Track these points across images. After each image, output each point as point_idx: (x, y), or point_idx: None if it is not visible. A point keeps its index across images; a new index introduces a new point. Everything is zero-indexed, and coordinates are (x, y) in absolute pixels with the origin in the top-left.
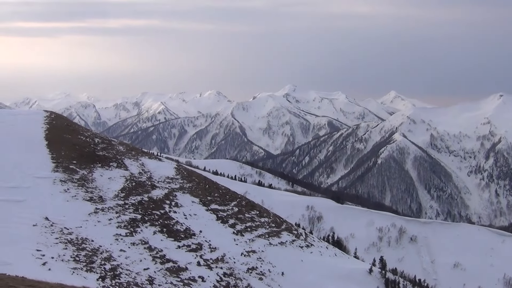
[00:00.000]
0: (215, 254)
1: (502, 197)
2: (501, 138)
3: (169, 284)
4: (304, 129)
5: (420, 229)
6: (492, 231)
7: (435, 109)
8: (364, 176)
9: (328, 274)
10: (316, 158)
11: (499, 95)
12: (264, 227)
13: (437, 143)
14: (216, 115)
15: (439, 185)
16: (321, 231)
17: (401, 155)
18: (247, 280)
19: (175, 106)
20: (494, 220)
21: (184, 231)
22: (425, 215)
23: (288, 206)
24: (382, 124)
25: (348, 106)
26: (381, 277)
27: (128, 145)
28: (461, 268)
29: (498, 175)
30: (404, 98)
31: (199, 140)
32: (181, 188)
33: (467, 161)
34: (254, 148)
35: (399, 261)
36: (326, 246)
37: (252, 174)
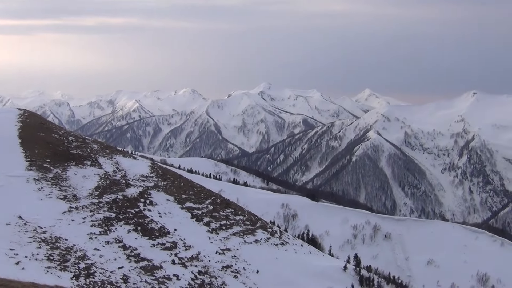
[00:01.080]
0: (190, 252)
1: (476, 194)
2: (475, 136)
3: (143, 283)
4: (279, 127)
5: (394, 226)
6: (465, 228)
7: (410, 107)
8: (338, 174)
9: (302, 272)
10: (291, 156)
11: (473, 93)
12: (239, 225)
13: (411, 140)
14: (191, 113)
15: (413, 182)
16: (296, 229)
17: (375, 153)
18: (222, 278)
19: (150, 104)
20: (468, 217)
21: (158, 230)
22: (400, 213)
23: (263, 204)
24: (357, 122)
25: (323, 104)
26: (356, 274)
27: (102, 144)
28: (435, 265)
29: (471, 173)
30: (379, 96)
31: (174, 138)
32: (156, 186)
33: (441, 159)
34: (229, 146)
35: (374, 258)
36: (301, 243)
37: (227, 172)
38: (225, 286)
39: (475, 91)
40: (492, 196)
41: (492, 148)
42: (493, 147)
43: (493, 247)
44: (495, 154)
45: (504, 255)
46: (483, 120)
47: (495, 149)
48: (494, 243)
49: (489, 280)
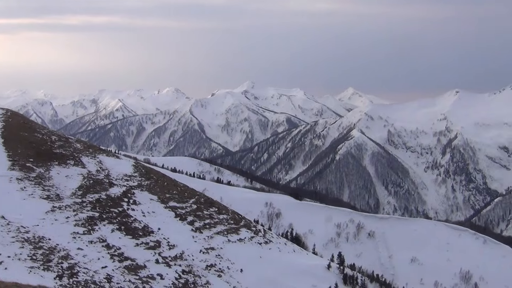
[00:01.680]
0: (174, 251)
1: (459, 193)
2: (457, 134)
3: (127, 282)
4: (262, 125)
5: (377, 225)
6: (448, 226)
7: (393, 106)
8: (322, 173)
9: (286, 270)
10: (275, 154)
11: (456, 91)
12: (222, 224)
13: (394, 139)
14: (175, 112)
15: (396, 181)
16: (279, 228)
17: (359, 152)
18: (206, 277)
19: (133, 104)
20: (451, 215)
21: (142, 229)
22: (383, 211)
23: (247, 203)
24: (340, 120)
25: (307, 102)
26: (340, 273)
27: (86, 143)
28: (418, 263)
29: (454, 171)
30: (362, 95)
31: (157, 137)
32: (139, 185)
33: (424, 157)
34: (213, 145)
35: (357, 256)
36: (285, 242)
37: (211, 171)
38: (209, 285)
39: (458, 89)
40: (474, 194)
41: (474, 146)
42: (475, 145)
43: (476, 245)
44: (477, 153)
45: (487, 252)
46: (466, 118)
47: (478, 147)
48: (477, 241)
49: (472, 277)
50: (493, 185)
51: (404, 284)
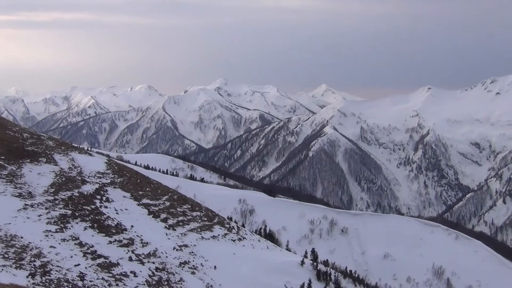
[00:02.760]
0: (147, 249)
1: (431, 188)
2: (429, 131)
3: (100, 280)
4: (236, 122)
5: (351, 221)
6: (421, 222)
7: (365, 102)
8: (295, 169)
9: (260, 267)
10: (248, 151)
11: (427, 88)
12: (196, 221)
13: (367, 135)
14: (147, 109)
15: (369, 177)
16: (253, 224)
17: (332, 148)
18: (179, 274)
19: (106, 101)
20: (423, 211)
21: (115, 226)
22: (356, 207)
23: (220, 200)
24: (313, 117)
25: (280, 99)
26: (313, 269)
27: (58, 140)
28: (391, 258)
29: (426, 167)
30: (335, 91)
31: (130, 134)
32: (112, 183)
33: (396, 153)
34: (186, 142)
35: (331, 252)
36: (258, 239)
37: (184, 168)
38: (183, 282)
39: (430, 86)
40: (446, 190)
41: (446, 142)
42: (447, 141)
43: (448, 241)
44: (449, 149)
45: (459, 248)
46: (438, 115)
47: (450, 143)
48: (449, 236)
49: (444, 273)
50: (465, 181)
51: (377, 280)
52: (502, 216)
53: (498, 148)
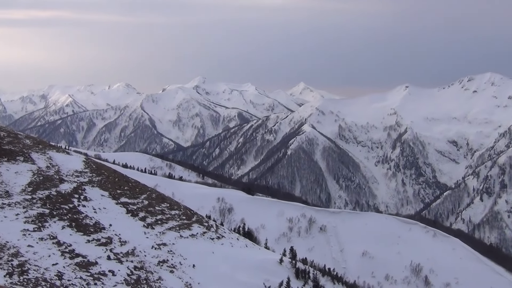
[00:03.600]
0: (125, 247)
1: (408, 186)
2: (407, 129)
3: (78, 279)
4: (214, 121)
5: (329, 219)
6: (399, 220)
7: (344, 100)
8: (274, 167)
9: (239, 265)
10: (227, 150)
11: (405, 86)
12: (174, 219)
13: (345, 134)
14: (125, 108)
15: (347, 175)
16: (232, 223)
17: (310, 146)
18: (158, 273)
19: (83, 99)
20: (401, 208)
21: (93, 225)
22: (334, 205)
23: (199, 198)
24: (292, 115)
25: (258, 97)
26: (292, 267)
27: (35, 139)
28: (369, 256)
29: (404, 165)
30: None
31: (108, 133)
32: (90, 181)
33: (374, 151)
34: (164, 140)
35: (309, 250)
36: (237, 237)
37: (162, 166)
38: (161, 281)
39: (408, 84)
40: (424, 188)
41: (424, 140)
42: (425, 139)
43: (426, 238)
44: (427, 147)
45: (437, 245)
46: (415, 113)
47: (427, 141)
48: (427, 234)
49: (422, 270)
50: (443, 178)
51: (356, 278)
52: (480, 213)
53: (475, 146)
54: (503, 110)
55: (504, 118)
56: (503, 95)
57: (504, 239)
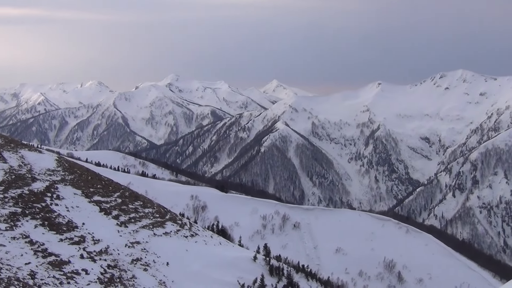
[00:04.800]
0: (99, 246)
1: (382, 183)
2: (380, 125)
3: (51, 278)
4: (187, 118)
5: (303, 216)
6: (372, 216)
7: (317, 98)
8: (247, 165)
9: (213, 263)
10: (200, 147)
11: (378, 83)
12: (148, 217)
13: (318, 131)
14: (98, 106)
15: (321, 172)
16: (205, 220)
17: (283, 143)
18: (131, 271)
19: (56, 97)
20: (374, 205)
21: (66, 224)
22: (308, 202)
23: (172, 196)
24: (265, 113)
25: (231, 95)
26: (266, 264)
27: (7, 138)
28: (343, 253)
29: (377, 161)
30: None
31: (80, 131)
32: (63, 180)
33: (347, 148)
34: (137, 138)
35: (283, 248)
36: (211, 235)
37: (136, 164)
38: (135, 279)
39: (380, 81)
40: (397, 184)
41: (396, 137)
42: (397, 136)
43: (399, 234)
44: (399, 143)
45: (410, 241)
46: (388, 110)
47: (400, 138)
48: (400, 230)
49: (395, 266)
50: (415, 175)
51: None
52: (452, 209)
53: (447, 142)
54: (474, 107)
55: (476, 114)
56: (475, 92)
57: (476, 235)
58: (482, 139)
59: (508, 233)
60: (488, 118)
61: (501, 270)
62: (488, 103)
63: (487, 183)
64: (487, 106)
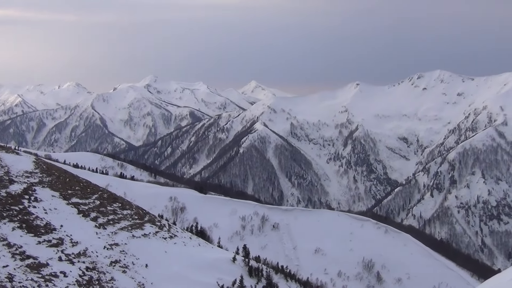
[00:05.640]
0: (77, 248)
1: (360, 183)
2: (358, 126)
3: (30, 281)
4: (166, 120)
5: (282, 217)
6: (351, 216)
7: (295, 99)
8: (226, 166)
9: (192, 264)
10: (179, 148)
11: (356, 83)
12: (126, 219)
13: (297, 131)
14: (76, 107)
15: (299, 172)
16: (184, 222)
17: (262, 144)
18: (110, 273)
19: (33, 99)
20: (353, 205)
21: (44, 226)
22: (287, 203)
23: (151, 198)
24: (244, 113)
25: (210, 96)
26: (245, 265)
27: None
28: (322, 253)
29: (355, 162)
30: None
31: (58, 133)
32: (41, 182)
33: (326, 149)
34: (116, 140)
35: (262, 248)
36: (190, 236)
37: (114, 166)
38: (114, 281)
39: (358, 82)
40: (376, 184)
41: (375, 137)
42: (376, 136)
43: (378, 234)
44: (378, 144)
45: (388, 241)
46: (366, 110)
47: (378, 138)
48: (379, 230)
49: (374, 266)
50: (393, 175)
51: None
52: (430, 209)
53: (425, 142)
54: (452, 107)
55: (453, 114)
56: (452, 92)
57: (454, 234)
58: (460, 139)
59: (485, 233)
60: (466, 118)
61: (479, 269)
62: (466, 103)
63: (464, 183)
64: (465, 106)
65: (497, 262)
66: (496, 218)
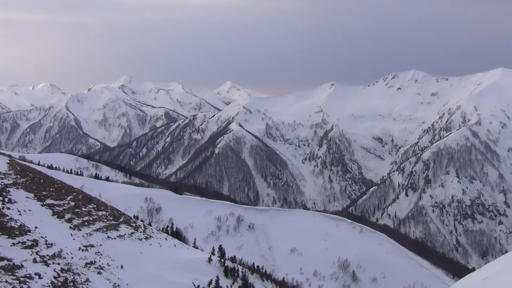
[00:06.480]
0: (52, 250)
1: (335, 183)
2: (333, 126)
3: (4, 283)
4: (141, 120)
5: (257, 217)
6: (326, 216)
7: (270, 99)
8: (202, 166)
9: (167, 265)
10: (154, 149)
11: (331, 84)
12: (102, 220)
13: (272, 132)
14: (50, 108)
15: (275, 173)
16: (160, 223)
17: (238, 145)
18: (85, 275)
19: (7, 99)
20: (328, 205)
21: (18, 228)
22: (262, 203)
23: (126, 199)
24: (219, 114)
25: (185, 96)
26: (220, 266)
27: None
28: (297, 253)
29: (331, 162)
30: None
31: (32, 134)
32: (15, 183)
33: (301, 149)
34: (90, 141)
35: (238, 249)
36: (165, 237)
37: (89, 167)
38: (89, 282)
39: (333, 82)
40: (351, 184)
41: (350, 137)
42: (351, 136)
43: (353, 234)
44: (353, 144)
45: (363, 241)
46: (341, 110)
47: (353, 138)
48: (354, 230)
49: (349, 265)
50: (368, 175)
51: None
52: (405, 208)
53: (399, 142)
54: (426, 107)
55: (428, 114)
56: (426, 92)
57: (428, 233)
58: (434, 138)
59: (460, 232)
60: (440, 118)
61: (453, 268)
62: (440, 103)
63: (439, 182)
64: (439, 106)
65: (472, 260)
66: (471, 217)
